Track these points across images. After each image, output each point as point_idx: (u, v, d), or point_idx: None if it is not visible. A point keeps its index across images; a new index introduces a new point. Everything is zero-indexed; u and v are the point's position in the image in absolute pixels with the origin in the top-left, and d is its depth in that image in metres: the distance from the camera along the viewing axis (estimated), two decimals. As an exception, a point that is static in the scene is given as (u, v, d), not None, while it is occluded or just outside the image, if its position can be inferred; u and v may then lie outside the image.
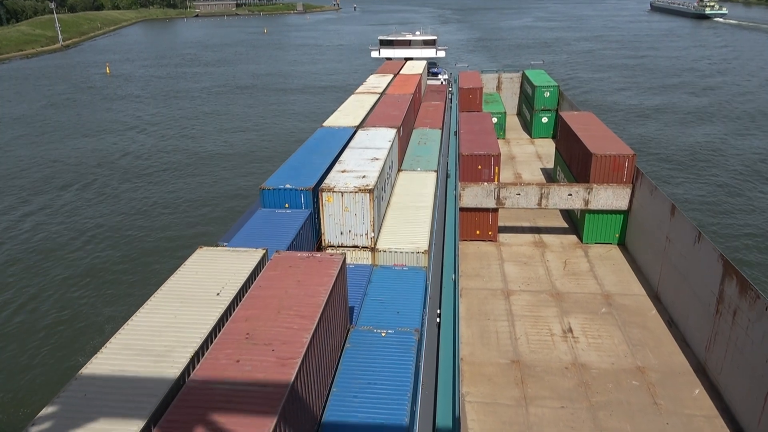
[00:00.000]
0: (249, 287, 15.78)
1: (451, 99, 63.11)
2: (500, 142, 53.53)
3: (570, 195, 31.36)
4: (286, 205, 23.95)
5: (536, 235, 33.90)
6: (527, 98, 58.82)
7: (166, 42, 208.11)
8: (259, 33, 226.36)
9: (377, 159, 27.11)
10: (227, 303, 14.38)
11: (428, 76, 67.40)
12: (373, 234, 23.64)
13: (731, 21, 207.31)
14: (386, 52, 66.68)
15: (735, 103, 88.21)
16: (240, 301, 14.92)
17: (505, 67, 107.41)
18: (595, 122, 37.51)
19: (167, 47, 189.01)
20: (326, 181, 23.85)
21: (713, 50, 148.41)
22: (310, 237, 23.89)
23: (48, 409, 10.45)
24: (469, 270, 30.14)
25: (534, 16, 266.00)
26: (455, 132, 42.94)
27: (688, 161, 61.09)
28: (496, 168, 31.93)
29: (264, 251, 17.33)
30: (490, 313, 26.15)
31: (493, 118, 54.49)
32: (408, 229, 25.22)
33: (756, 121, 77.49)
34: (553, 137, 54.95)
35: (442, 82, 68.65)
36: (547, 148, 51.91)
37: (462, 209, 32.70)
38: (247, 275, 15.94)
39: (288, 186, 23.86)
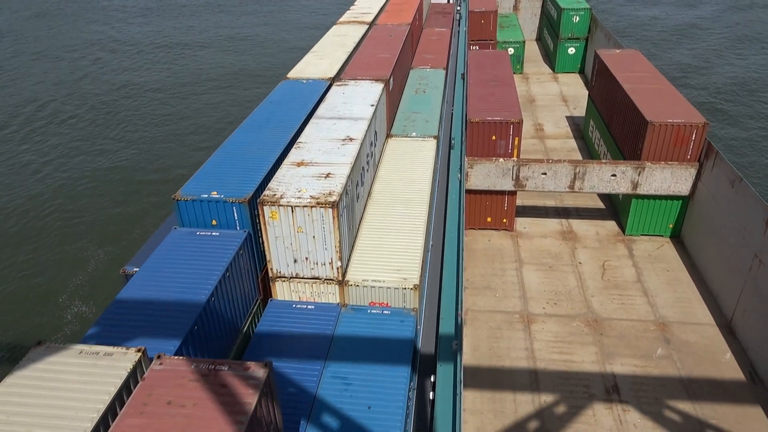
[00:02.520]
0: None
1: (459, 22, 53.13)
2: (517, 78, 44.57)
3: (614, 176, 23.52)
4: (213, 222, 16.48)
5: (564, 221, 26.39)
6: (550, 22, 48.92)
7: None
8: None
9: (352, 140, 19.20)
10: None
11: (433, -7, 56.88)
12: (339, 263, 16.34)
13: None
14: (382, -36, 55.77)
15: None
16: None
17: None
18: (646, 67, 28.75)
19: None
20: (271, 186, 16.22)
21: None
22: (251, 265, 16.68)
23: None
24: (477, 278, 22.99)
25: None
26: (462, 75, 34.24)
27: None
28: (516, 139, 23.88)
29: (139, 355, 10.17)
30: (505, 355, 19.25)
31: (510, 49, 45.21)
32: (393, 247, 17.85)
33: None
34: (581, 72, 45.81)
35: (449, 1, 58.15)
36: (574, 87, 42.97)
37: (469, 191, 25.06)
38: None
39: (214, 196, 16.24)
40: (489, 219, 25.62)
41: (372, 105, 22.25)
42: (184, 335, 12.59)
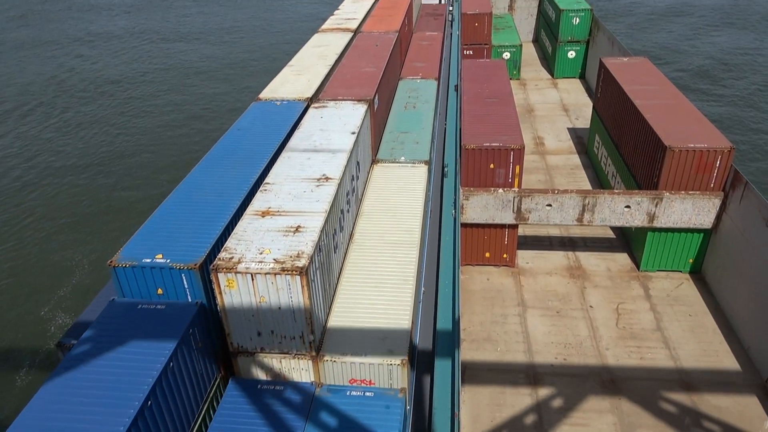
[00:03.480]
0: None
1: (451, 24, 50.33)
2: (514, 85, 41.86)
3: (628, 208, 20.87)
4: (159, 292, 13.73)
5: (571, 254, 23.75)
6: (548, 24, 46.16)
7: None
8: None
9: (328, 180, 16.44)
10: None
11: (423, -8, 54.00)
12: (312, 337, 13.64)
13: None
14: (370, -37, 52.78)
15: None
16: None
17: None
18: (658, 78, 26.07)
19: None
20: (228, 245, 13.47)
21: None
22: (207, 339, 13.96)
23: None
24: (476, 327, 20.31)
25: None
26: (456, 86, 31.49)
27: None
28: (517, 167, 21.16)
29: None
30: (510, 426, 16.61)
31: (506, 54, 42.49)
32: (378, 307, 15.18)
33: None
34: (581, 77, 43.13)
35: (440, 1, 55.31)
36: (575, 94, 40.27)
37: (465, 225, 22.36)
38: None
39: (159, 260, 13.48)
40: (488, 254, 22.95)
41: (353, 133, 19.49)
42: (126, 428, 10.03)
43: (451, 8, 54.18)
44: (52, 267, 32.64)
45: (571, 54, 42.23)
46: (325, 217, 14.63)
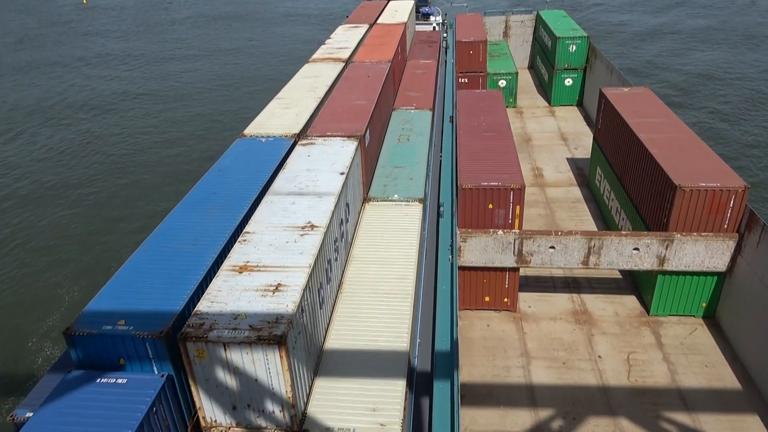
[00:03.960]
0: None
1: (446, 51, 49.63)
2: (510, 113, 40.87)
3: (636, 250, 19.54)
4: (121, 362, 12.23)
5: (576, 297, 22.34)
6: (544, 51, 45.41)
7: None
8: None
9: (314, 228, 15.08)
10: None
11: (417, 19, 53.49)
12: (293, 411, 12.13)
13: None
14: (363, -10, 52.30)
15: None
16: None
17: (513, 5, 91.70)
18: (661, 110, 24.97)
19: None
20: (199, 309, 12.03)
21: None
22: (176, 414, 12.41)
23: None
24: (476, 380, 18.78)
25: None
26: (451, 118, 30.39)
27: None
28: (518, 208, 19.86)
29: None
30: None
31: (501, 81, 41.61)
32: (369, 371, 13.73)
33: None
34: (579, 104, 42.22)
35: (434, 28, 54.76)
36: (573, 123, 39.27)
37: (463, 268, 20.96)
38: None
39: (121, 327, 11.99)
40: (487, 298, 21.52)
41: (342, 173, 18.19)
42: None
43: (445, 35, 53.61)
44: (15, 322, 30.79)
45: (568, 81, 41.37)
46: (308, 273, 13.24)
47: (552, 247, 19.79)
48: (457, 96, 29.56)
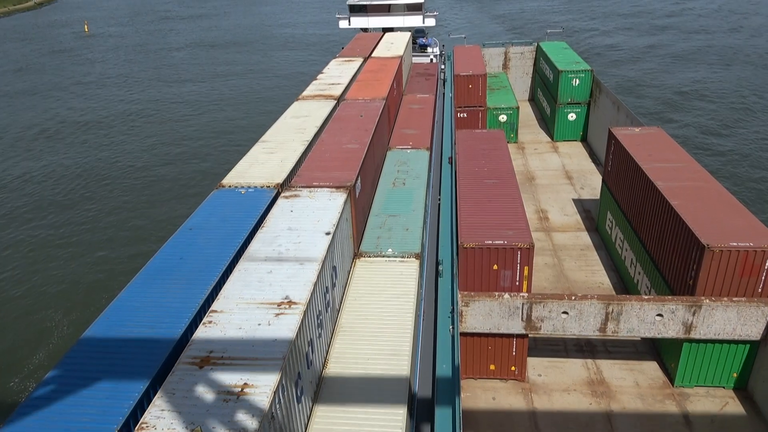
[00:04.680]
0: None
1: (444, 84, 48.13)
2: (512, 148, 39.07)
3: (660, 316, 17.40)
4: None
5: (590, 363, 20.08)
6: (546, 84, 43.86)
7: None
8: None
9: (292, 305, 12.94)
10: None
11: (414, 51, 52.13)
12: None
13: None
14: (358, 21, 51.03)
15: None
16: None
17: (512, 36, 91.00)
18: (678, 155, 23.07)
19: (145, 2, 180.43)
20: (145, 422, 9.85)
21: None
22: None
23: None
24: (479, 410, 16.51)
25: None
26: (450, 159, 28.50)
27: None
28: (526, 268, 17.77)
29: None
30: None
31: (502, 116, 39.92)
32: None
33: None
34: (583, 139, 40.47)
35: (432, 60, 53.41)
36: (577, 159, 37.44)
37: (466, 334, 18.77)
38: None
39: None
40: (492, 367, 19.26)
41: (328, 233, 16.11)
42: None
43: (443, 66, 52.22)
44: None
45: (572, 116, 39.68)
46: (282, 367, 11.08)
47: (565, 313, 17.64)
48: (457, 136, 27.69)
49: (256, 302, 13.08)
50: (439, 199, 26.91)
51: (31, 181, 50.52)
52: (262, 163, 21.36)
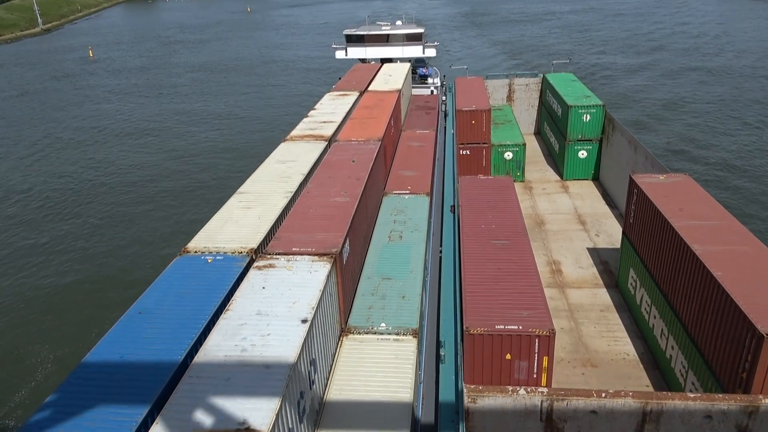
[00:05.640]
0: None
1: (445, 117, 45.71)
2: (518, 188, 36.37)
3: (708, 418, 14.37)
4: None
5: None
6: (553, 118, 41.32)
7: (148, 24, 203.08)
8: (243, 12, 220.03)
9: (249, 433, 10.08)
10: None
11: (414, 81, 49.83)
12: None
13: None
14: (355, 52, 48.80)
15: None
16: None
17: (515, 66, 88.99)
18: (714, 209, 20.22)
19: (149, 29, 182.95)
20: None
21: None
22: None
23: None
24: None
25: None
26: (452, 208, 25.73)
27: None
28: (545, 358, 14.81)
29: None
30: None
31: (508, 154, 37.32)
32: None
33: None
34: (595, 178, 37.75)
35: (432, 91, 51.07)
36: (590, 201, 34.65)
37: None
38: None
39: None
40: (504, 470, 16.15)
41: (305, 321, 13.24)
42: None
43: (444, 98, 49.85)
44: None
45: (582, 154, 37.02)
46: None
47: (593, 412, 14.59)
48: (460, 184, 24.94)
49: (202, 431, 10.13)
50: (441, 252, 24.11)
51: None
52: (237, 221, 18.55)
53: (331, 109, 32.16)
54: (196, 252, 16.63)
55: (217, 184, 51.73)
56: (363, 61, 50.17)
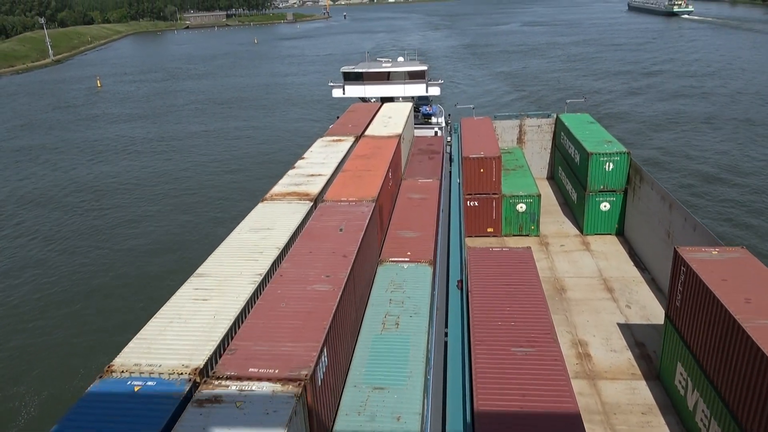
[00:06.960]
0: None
1: (450, 160, 41.91)
2: (533, 244, 32.30)
3: None
4: None
5: None
6: (570, 164, 37.48)
7: (155, 55, 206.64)
8: (249, 43, 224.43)
9: None
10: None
11: (417, 120, 46.16)
12: None
13: (696, 18, 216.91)
14: (354, 90, 45.33)
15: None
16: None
17: (525, 105, 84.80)
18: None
19: (157, 60, 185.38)
20: None
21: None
22: None
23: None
24: None
25: (521, 20, 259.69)
26: (458, 283, 21.67)
27: None
28: None
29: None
30: None
31: (521, 206, 33.36)
32: None
33: None
34: (619, 233, 33.66)
35: (436, 132, 47.37)
36: (616, 261, 30.47)
37: None
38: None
39: None
40: None
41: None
42: None
43: (449, 139, 46.16)
44: None
45: (605, 206, 33.04)
46: None
47: None
48: (468, 254, 20.93)
49: None
50: (446, 335, 20.00)
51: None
52: (186, 321, 14.39)
53: (321, 158, 28.35)
54: (123, 372, 12.52)
55: (178, 258, 43.44)
56: (363, 99, 46.73)
